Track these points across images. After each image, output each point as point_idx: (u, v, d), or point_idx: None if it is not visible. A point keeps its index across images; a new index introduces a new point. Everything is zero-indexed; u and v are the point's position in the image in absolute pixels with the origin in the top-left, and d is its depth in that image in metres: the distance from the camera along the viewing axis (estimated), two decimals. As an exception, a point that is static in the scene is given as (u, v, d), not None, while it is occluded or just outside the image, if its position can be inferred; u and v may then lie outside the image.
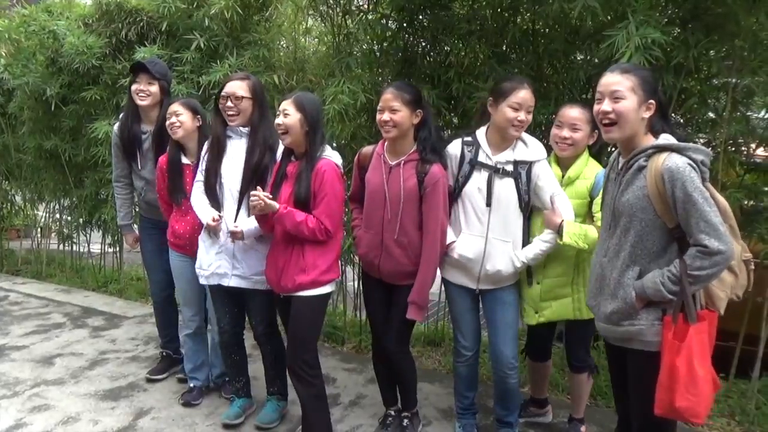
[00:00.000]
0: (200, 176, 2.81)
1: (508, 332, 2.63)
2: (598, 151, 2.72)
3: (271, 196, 2.46)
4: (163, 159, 3.01)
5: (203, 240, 2.82)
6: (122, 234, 3.69)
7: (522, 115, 2.43)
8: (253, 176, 2.67)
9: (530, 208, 2.56)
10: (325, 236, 2.50)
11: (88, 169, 4.84)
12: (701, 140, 3.19)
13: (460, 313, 2.73)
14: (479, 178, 2.53)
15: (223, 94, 2.67)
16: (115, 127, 3.30)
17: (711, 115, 3.03)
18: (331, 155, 2.56)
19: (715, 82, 3.05)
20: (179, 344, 3.55)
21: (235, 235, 2.68)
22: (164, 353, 3.56)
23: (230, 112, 2.66)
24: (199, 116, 2.95)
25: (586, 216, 2.56)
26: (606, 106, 1.90)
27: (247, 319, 2.96)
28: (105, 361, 3.73)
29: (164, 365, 3.52)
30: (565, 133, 2.53)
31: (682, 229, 1.84)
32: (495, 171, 2.50)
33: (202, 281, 2.84)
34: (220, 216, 2.71)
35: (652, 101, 1.90)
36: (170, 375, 3.48)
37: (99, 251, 5.74)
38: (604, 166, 2.54)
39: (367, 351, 3.97)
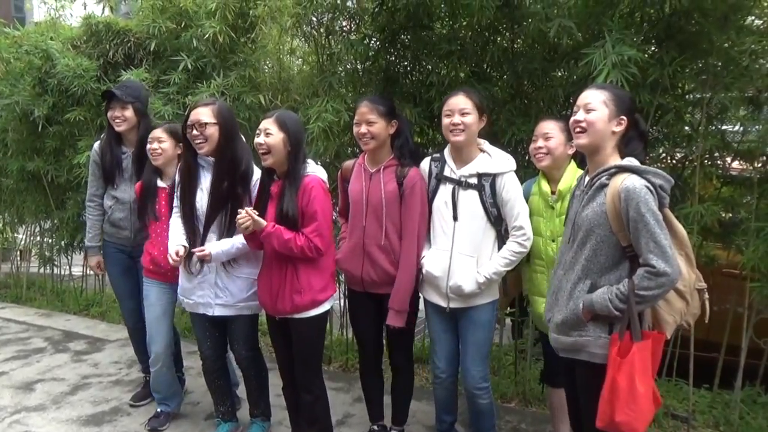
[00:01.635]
0: (177, 201, 2.77)
1: (478, 352, 2.63)
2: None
3: (257, 213, 2.44)
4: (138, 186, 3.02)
5: (182, 265, 2.75)
6: (86, 256, 3.62)
7: (456, 118, 2.48)
8: (221, 206, 2.63)
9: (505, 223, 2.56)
10: (315, 254, 2.46)
11: (71, 191, 4.80)
12: (678, 154, 3.27)
13: (436, 334, 2.74)
14: (445, 192, 2.59)
15: (188, 122, 2.59)
16: (96, 145, 3.30)
17: (687, 129, 3.10)
18: (316, 171, 2.56)
19: (690, 98, 3.13)
20: None
21: (203, 258, 2.61)
22: (147, 378, 3.50)
23: (197, 141, 2.59)
24: (181, 144, 2.91)
25: None
26: (579, 115, 2.01)
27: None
28: (87, 385, 3.66)
29: (147, 391, 3.46)
30: (539, 143, 2.56)
31: (634, 248, 1.90)
32: (458, 184, 2.54)
33: (187, 308, 2.81)
34: (185, 247, 2.64)
35: (623, 117, 1.99)
36: (153, 400, 3.40)
37: (80, 274, 5.66)
38: None
39: (354, 370, 3.95)
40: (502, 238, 2.56)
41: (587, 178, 2.07)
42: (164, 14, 4.12)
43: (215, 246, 2.62)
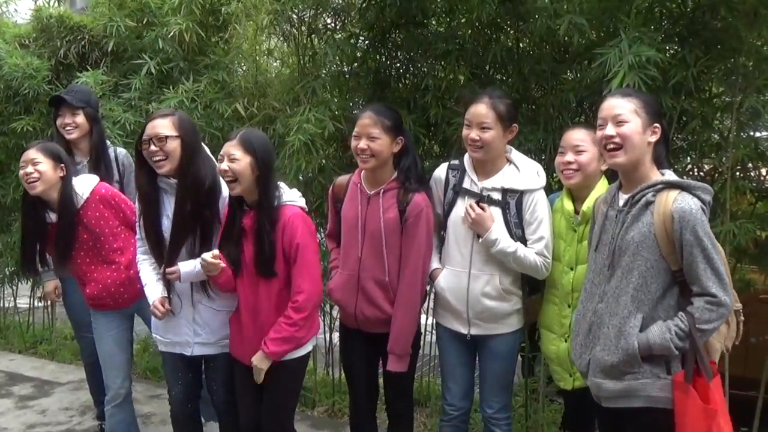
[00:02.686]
0: (140, 234, 2.71)
1: (497, 382, 2.65)
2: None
3: (218, 257, 2.44)
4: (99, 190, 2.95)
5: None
6: (42, 282, 3.61)
7: (474, 134, 2.45)
8: (188, 232, 2.57)
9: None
10: (308, 309, 2.45)
11: (17, 211, 4.76)
12: (706, 165, 3.29)
13: (450, 367, 2.72)
14: (463, 207, 2.54)
15: (144, 137, 2.50)
16: None
17: (716, 137, 3.12)
18: (294, 199, 2.53)
19: (718, 102, 3.16)
20: None
21: (171, 278, 2.58)
22: (102, 426, 3.48)
23: (156, 158, 2.49)
24: (62, 165, 2.84)
25: None
26: (609, 130, 1.99)
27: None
28: (33, 436, 3.61)
29: None
30: (569, 157, 2.47)
31: (684, 273, 1.90)
32: (481, 199, 2.51)
33: (162, 348, 2.76)
34: (167, 298, 2.62)
35: (657, 125, 2.00)
36: None
37: (27, 306, 5.60)
38: None
39: (342, 415, 3.91)
40: None
41: (624, 196, 2.05)
42: (123, 10, 4.13)
43: (186, 265, 2.56)
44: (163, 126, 2.50)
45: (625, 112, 1.98)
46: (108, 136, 3.70)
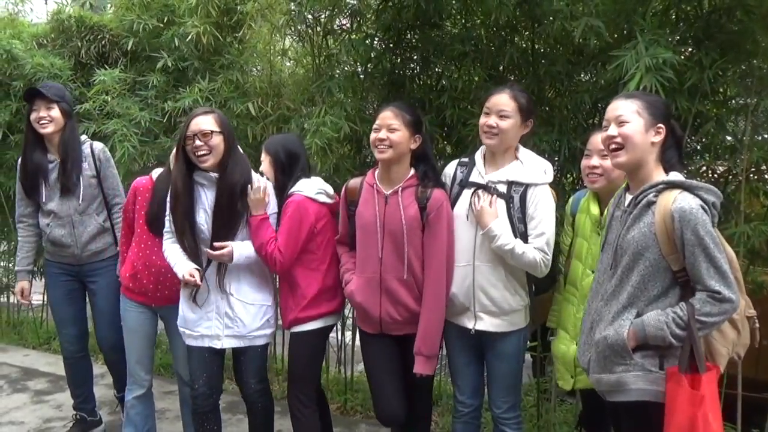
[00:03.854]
0: (169, 225, 2.78)
1: (504, 383, 2.66)
2: None
3: (262, 201, 2.70)
4: (140, 183, 3.03)
5: (187, 296, 2.77)
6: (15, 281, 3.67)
7: (492, 120, 2.47)
8: (231, 225, 2.69)
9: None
10: (273, 265, 2.70)
11: (33, 209, 4.82)
12: (720, 167, 3.30)
13: (458, 367, 2.74)
14: (467, 198, 2.56)
15: (188, 133, 2.62)
16: (20, 160, 3.31)
17: (730, 139, 3.14)
18: (301, 189, 2.74)
19: (733, 104, 3.18)
20: (95, 404, 3.60)
21: (221, 259, 2.66)
22: (78, 416, 3.56)
23: (201, 152, 2.61)
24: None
25: None
26: (611, 131, 2.02)
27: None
28: (50, 430, 3.66)
29: (78, 429, 3.53)
30: (594, 161, 2.48)
31: (687, 272, 1.91)
32: (485, 188, 2.52)
33: (190, 342, 2.79)
34: (197, 269, 2.65)
35: (661, 125, 2.01)
36: None
37: (40, 303, 5.66)
38: None
39: (354, 412, 3.94)
40: None
41: (629, 196, 2.07)
42: (149, 11, 4.19)
43: (239, 246, 2.68)
44: (206, 122, 2.61)
45: (626, 113, 2.00)
46: (123, 134, 3.75)
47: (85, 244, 3.26)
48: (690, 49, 2.95)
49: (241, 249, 2.68)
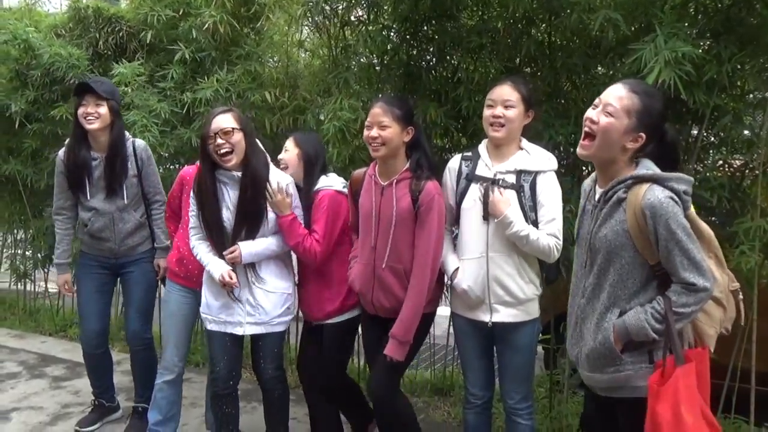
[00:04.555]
0: (195, 222, 2.86)
1: (518, 374, 2.69)
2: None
3: (286, 200, 2.80)
4: (188, 172, 3.09)
5: (210, 284, 2.86)
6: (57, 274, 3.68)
7: (498, 110, 2.51)
8: (252, 222, 2.77)
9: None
10: (312, 258, 2.81)
11: (50, 197, 4.85)
12: (737, 161, 3.29)
13: (469, 361, 2.77)
14: (476, 191, 2.59)
15: (209, 133, 2.68)
16: (61, 153, 3.34)
17: (747, 133, 3.13)
18: (331, 184, 2.90)
19: (751, 98, 3.17)
20: (114, 392, 3.67)
21: (234, 261, 2.75)
22: (96, 401, 3.62)
23: (223, 150, 2.68)
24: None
25: None
26: (593, 113, 1.98)
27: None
28: (68, 415, 3.72)
29: (96, 415, 3.59)
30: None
31: (663, 265, 1.91)
32: (494, 182, 2.55)
33: (212, 327, 2.87)
34: (232, 268, 2.78)
35: (642, 134, 1.94)
36: (103, 425, 3.57)
37: (56, 291, 5.72)
38: None
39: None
40: None
41: (599, 190, 2.05)
42: (162, 1, 4.21)
43: (246, 246, 2.76)
44: (226, 120, 2.69)
45: (617, 106, 1.93)
46: (144, 126, 3.78)
47: (123, 239, 3.32)
48: (708, 43, 2.95)
49: (248, 248, 2.76)
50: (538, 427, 3.61)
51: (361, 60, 3.87)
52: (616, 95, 1.96)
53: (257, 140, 2.89)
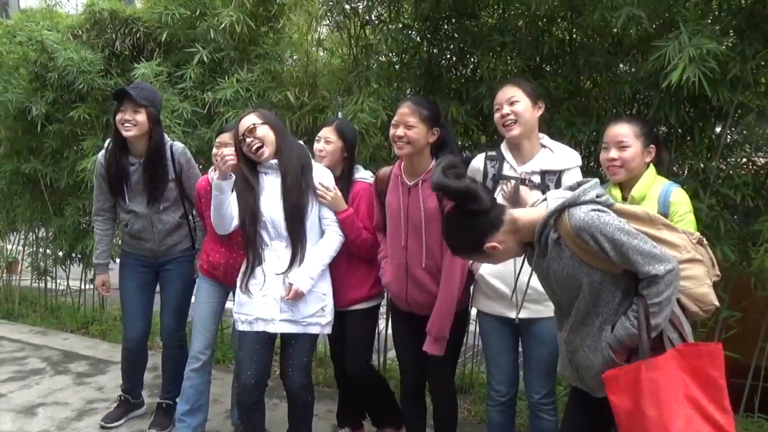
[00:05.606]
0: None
1: (544, 368, 2.68)
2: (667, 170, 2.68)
3: (337, 194, 2.86)
4: (201, 186, 3.20)
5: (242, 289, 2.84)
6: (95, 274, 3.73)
7: (505, 109, 2.54)
8: (294, 206, 2.77)
9: None
10: (372, 250, 2.93)
11: (71, 196, 4.95)
12: (761, 159, 3.28)
13: (495, 356, 2.77)
14: (502, 190, 2.61)
15: (240, 137, 2.76)
16: (100, 155, 3.36)
17: (771, 131, 3.12)
18: (366, 177, 2.93)
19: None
20: (141, 389, 3.71)
21: (295, 296, 2.75)
22: (123, 397, 3.65)
23: (255, 146, 2.73)
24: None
25: None
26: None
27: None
28: (93, 411, 3.76)
29: (121, 411, 3.62)
30: (612, 153, 2.49)
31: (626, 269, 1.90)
32: (521, 182, 2.56)
33: (243, 327, 2.82)
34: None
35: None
36: (128, 420, 3.61)
37: (77, 288, 5.80)
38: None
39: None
40: None
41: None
42: (177, 1, 4.25)
43: (300, 276, 2.76)
44: (249, 120, 2.77)
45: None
46: (167, 126, 3.81)
47: (162, 239, 3.37)
48: (732, 40, 2.94)
49: (304, 275, 2.76)
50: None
51: (381, 59, 3.89)
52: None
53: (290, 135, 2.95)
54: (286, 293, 2.75)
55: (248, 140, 2.73)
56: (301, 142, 2.98)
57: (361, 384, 3.14)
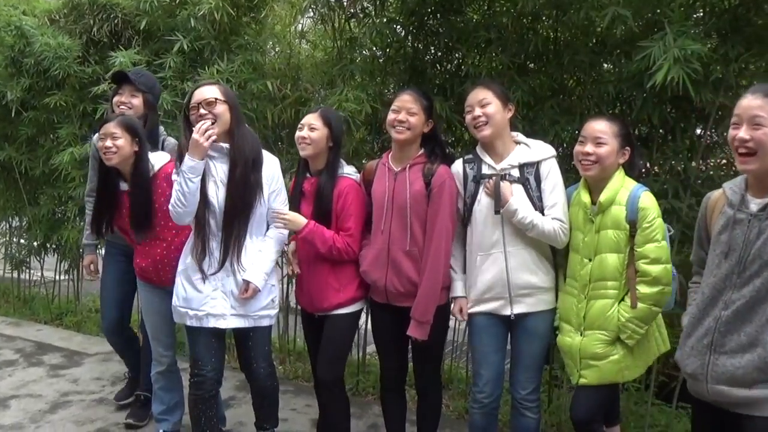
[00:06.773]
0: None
1: (533, 363, 2.70)
2: (638, 175, 2.70)
3: (293, 214, 2.74)
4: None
5: (190, 273, 2.71)
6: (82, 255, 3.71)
7: (477, 111, 2.58)
8: (239, 199, 2.62)
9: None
10: (351, 256, 2.79)
11: (46, 185, 4.85)
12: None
13: (484, 355, 2.74)
14: (484, 188, 2.65)
15: (192, 103, 2.60)
16: (95, 137, 3.27)
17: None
18: (351, 173, 2.81)
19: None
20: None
21: (253, 294, 2.69)
22: (128, 374, 3.69)
23: (208, 121, 2.54)
24: (137, 139, 2.87)
25: (628, 254, 2.43)
26: (744, 133, 1.86)
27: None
28: (68, 403, 3.71)
29: (131, 388, 3.65)
30: (588, 148, 2.45)
31: None
32: (501, 178, 2.60)
33: (191, 323, 2.71)
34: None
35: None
36: (137, 399, 3.59)
37: (51, 279, 5.70)
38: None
39: (365, 394, 3.99)
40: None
41: (754, 200, 1.94)
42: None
43: (254, 273, 2.69)
44: (210, 91, 2.61)
45: (765, 116, 1.83)
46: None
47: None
48: (715, 42, 2.96)
49: (257, 270, 2.69)
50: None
51: (365, 53, 3.85)
52: (758, 105, 1.85)
53: (247, 125, 2.80)
54: (241, 292, 2.67)
55: (202, 111, 2.55)
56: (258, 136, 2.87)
57: (326, 393, 2.98)
